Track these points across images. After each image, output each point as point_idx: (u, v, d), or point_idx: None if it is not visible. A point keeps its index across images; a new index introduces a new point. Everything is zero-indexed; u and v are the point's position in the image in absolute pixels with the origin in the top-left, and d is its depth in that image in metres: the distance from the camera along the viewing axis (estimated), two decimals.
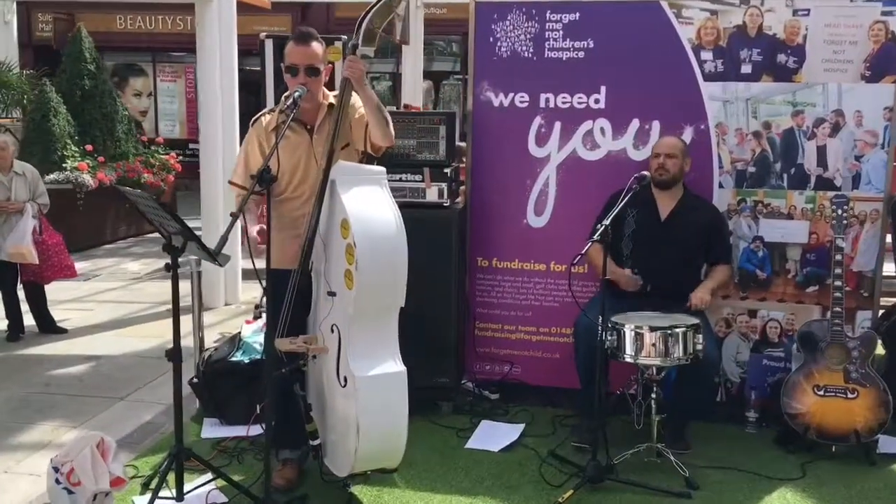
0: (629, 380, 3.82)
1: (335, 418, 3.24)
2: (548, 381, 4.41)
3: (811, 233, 4.12)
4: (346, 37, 3.14)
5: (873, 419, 3.71)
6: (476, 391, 4.50)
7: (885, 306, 4.38)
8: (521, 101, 4.33)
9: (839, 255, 3.77)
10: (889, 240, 4.26)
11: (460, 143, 4.82)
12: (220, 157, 6.60)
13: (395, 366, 3.11)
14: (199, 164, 6.83)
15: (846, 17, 3.98)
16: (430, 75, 13.63)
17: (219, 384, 4.13)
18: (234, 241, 5.92)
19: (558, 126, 4.30)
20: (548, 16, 4.25)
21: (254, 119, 3.40)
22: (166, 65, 15.74)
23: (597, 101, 4.24)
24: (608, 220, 3.45)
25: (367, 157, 3.36)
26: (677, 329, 3.47)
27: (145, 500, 3.14)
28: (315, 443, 3.29)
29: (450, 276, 4.23)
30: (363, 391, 3.02)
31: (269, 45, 4.75)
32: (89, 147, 9.76)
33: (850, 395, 3.73)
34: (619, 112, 4.22)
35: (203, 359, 4.19)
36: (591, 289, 4.26)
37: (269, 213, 2.95)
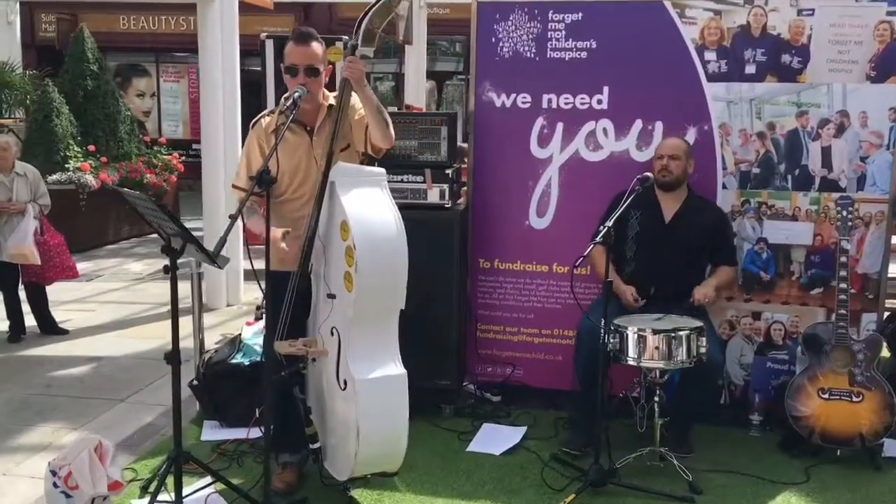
0: (632, 382, 3.79)
1: (335, 422, 3.22)
2: (550, 384, 4.38)
3: (816, 234, 4.09)
4: (347, 37, 3.11)
5: (878, 422, 3.69)
6: (478, 393, 4.48)
7: (890, 308, 4.36)
8: (524, 102, 4.30)
9: (844, 257, 3.74)
10: (895, 241, 4.22)
11: (462, 143, 4.80)
12: (221, 157, 6.60)
13: (395, 368, 3.09)
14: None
15: (851, 17, 3.95)
16: (433, 75, 13.59)
17: (219, 386, 4.11)
18: (236, 243, 5.90)
19: (561, 127, 4.27)
20: (550, 16, 4.22)
21: (253, 121, 3.39)
22: (169, 65, 15.74)
23: (599, 102, 4.22)
24: (611, 222, 3.43)
25: (367, 159, 3.34)
26: (681, 332, 3.44)
27: None
28: (315, 446, 3.27)
29: (451, 278, 4.21)
30: (363, 394, 3.00)
31: (269, 45, 4.73)
32: (92, 147, 9.77)
33: (854, 399, 3.71)
34: (621, 113, 4.20)
35: (203, 361, 4.17)
36: (593, 290, 4.23)
37: (269, 214, 2.94)
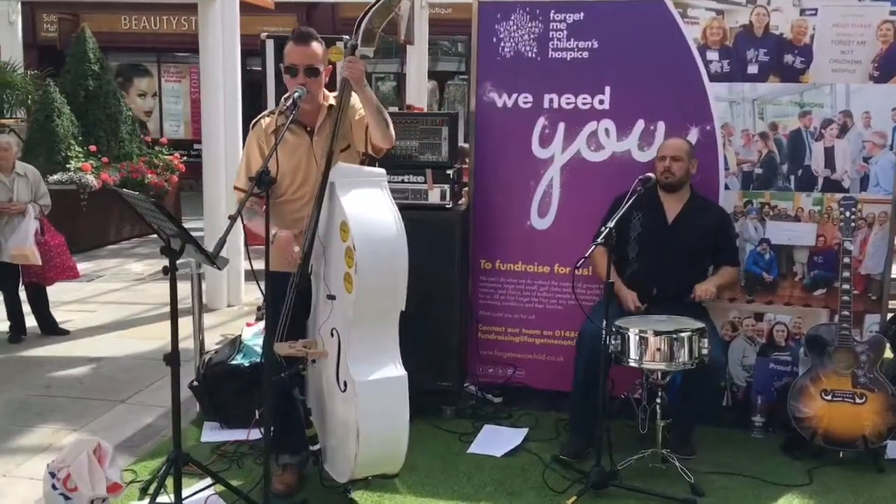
0: (634, 384, 3.78)
1: (335, 423, 3.21)
2: (551, 385, 4.37)
3: (818, 235, 4.07)
4: (347, 37, 3.10)
5: (882, 424, 3.66)
6: (479, 395, 4.47)
7: (893, 310, 4.33)
8: (525, 102, 4.29)
9: (847, 258, 3.72)
10: None
11: (463, 144, 4.78)
12: (222, 157, 6.59)
13: (395, 370, 3.07)
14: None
15: (854, 17, 3.93)
16: (434, 75, 13.57)
17: (219, 387, 4.10)
18: (237, 243, 5.88)
19: (562, 127, 4.26)
20: (552, 15, 4.20)
21: (253, 122, 3.37)
22: (171, 65, 15.73)
23: (601, 102, 4.20)
24: (612, 223, 3.41)
25: (368, 159, 3.32)
26: (682, 333, 3.42)
27: None
28: (315, 448, 3.25)
29: (452, 279, 4.19)
30: (363, 396, 2.99)
31: (269, 45, 4.71)
32: (93, 147, 9.76)
33: (858, 400, 3.69)
34: (623, 113, 4.18)
35: (203, 362, 4.16)
36: (595, 291, 4.21)
37: (268, 215, 2.92)
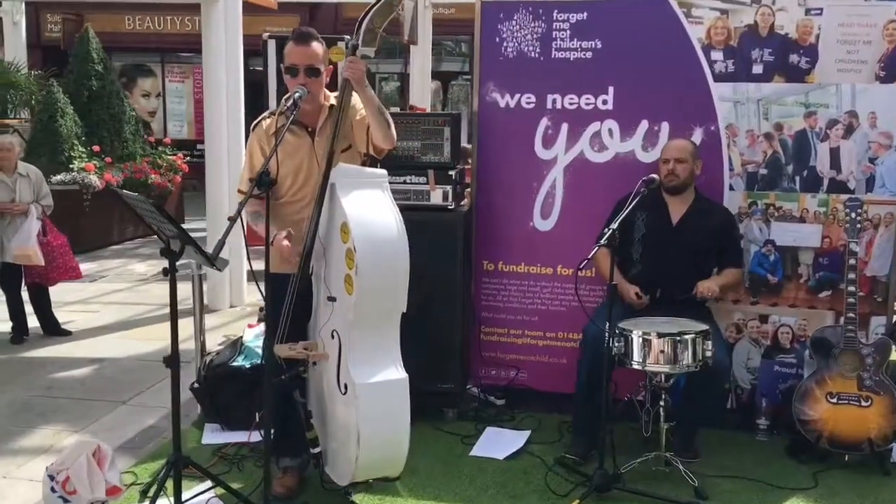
0: (637, 386, 3.75)
1: (335, 426, 3.19)
2: (554, 387, 4.34)
3: (824, 236, 4.04)
4: (349, 37, 3.08)
5: (887, 427, 3.64)
6: (481, 396, 4.44)
7: None
8: (528, 102, 4.26)
9: (853, 260, 3.69)
10: None
11: (466, 144, 4.76)
12: (225, 157, 6.58)
13: (396, 373, 3.05)
14: None
15: (860, 17, 3.90)
16: (438, 76, 13.58)
17: (220, 389, 4.08)
18: (239, 244, 5.86)
19: (565, 127, 4.23)
20: (555, 15, 4.18)
21: (254, 124, 3.35)
22: (175, 65, 15.77)
23: (605, 102, 4.17)
24: (615, 224, 3.39)
25: (369, 160, 3.30)
26: (686, 335, 3.40)
27: None
28: (315, 451, 3.23)
29: (455, 280, 4.17)
30: (364, 398, 2.97)
31: (271, 45, 4.69)
32: (96, 148, 9.77)
33: (863, 403, 3.66)
34: (627, 113, 4.15)
35: (204, 363, 4.14)
36: (598, 293, 4.19)
37: (268, 216, 2.91)
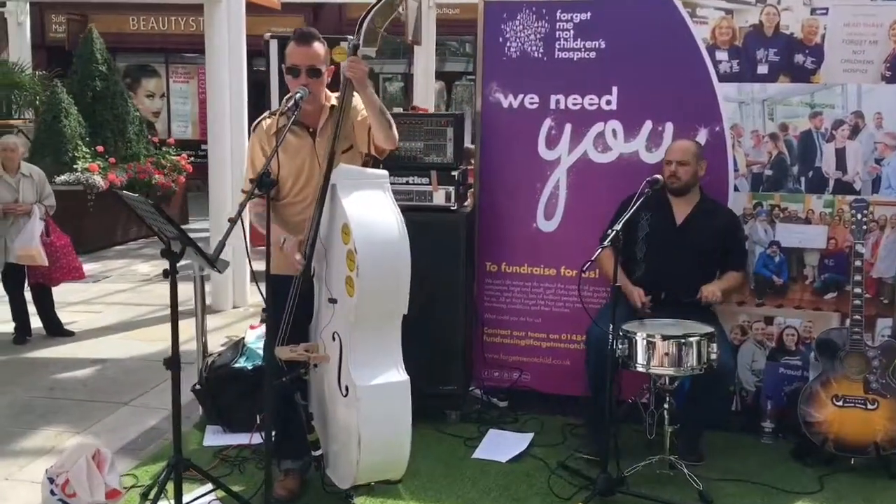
0: (641, 388, 3.72)
1: (337, 428, 3.17)
2: (558, 389, 4.32)
3: (829, 238, 4.01)
4: (351, 37, 3.06)
5: (894, 430, 3.61)
6: (484, 399, 4.42)
7: None
8: (531, 103, 4.24)
9: (858, 261, 3.66)
10: None
11: (469, 145, 4.74)
12: (228, 158, 6.58)
13: (397, 375, 3.03)
14: None
15: (866, 17, 3.87)
16: (442, 76, 13.56)
17: (222, 391, 4.06)
18: (240, 245, 5.85)
19: (569, 128, 4.21)
20: (558, 15, 4.16)
21: (255, 124, 3.34)
22: (179, 66, 15.77)
23: (608, 103, 4.15)
24: (619, 225, 3.37)
25: (371, 160, 3.28)
26: (691, 338, 3.37)
27: None
28: (317, 453, 3.21)
29: (457, 281, 4.15)
30: (365, 401, 2.95)
31: (273, 45, 4.68)
32: (100, 148, 9.76)
33: (869, 406, 3.63)
34: (631, 113, 4.13)
35: (206, 365, 4.13)
36: (602, 294, 4.17)
37: (269, 217, 2.89)
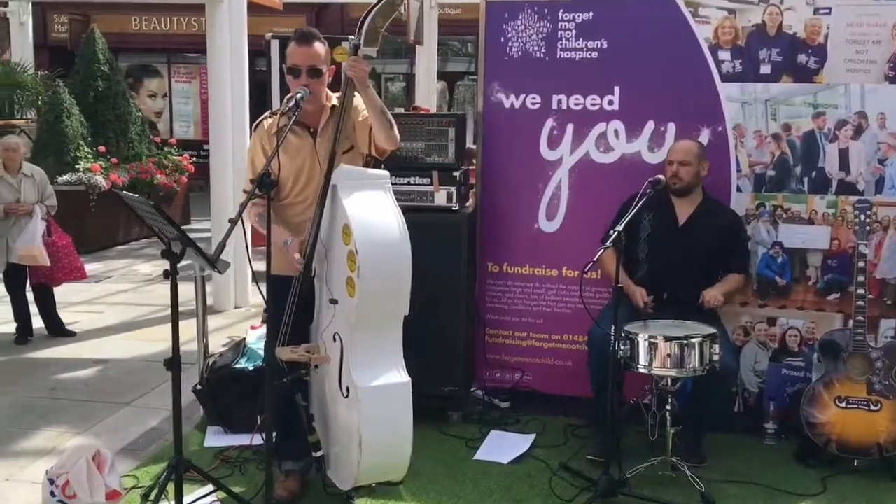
0: (643, 389, 3.71)
1: (338, 429, 3.16)
2: (560, 390, 4.31)
3: (833, 238, 3.99)
4: (352, 37, 3.06)
5: None
6: (486, 399, 4.41)
7: None
8: (533, 103, 4.23)
9: (862, 262, 3.65)
10: None
11: (470, 145, 4.73)
12: (230, 158, 6.56)
13: (398, 376, 3.02)
14: None
15: (869, 16, 3.85)
16: (444, 76, 13.56)
17: (223, 391, 4.05)
18: (242, 245, 5.85)
19: (571, 128, 4.20)
20: (560, 15, 4.15)
21: (255, 123, 3.33)
22: (181, 66, 15.78)
23: (610, 103, 4.14)
24: (621, 226, 3.35)
25: (372, 161, 3.27)
26: (693, 339, 3.35)
27: None
28: (318, 454, 3.20)
29: (459, 282, 4.13)
30: (365, 402, 2.94)
31: (274, 45, 4.66)
32: (102, 148, 9.77)
33: (872, 408, 3.61)
34: (633, 114, 4.12)
35: (207, 365, 4.12)
36: (604, 295, 4.16)
37: (269, 217, 2.88)
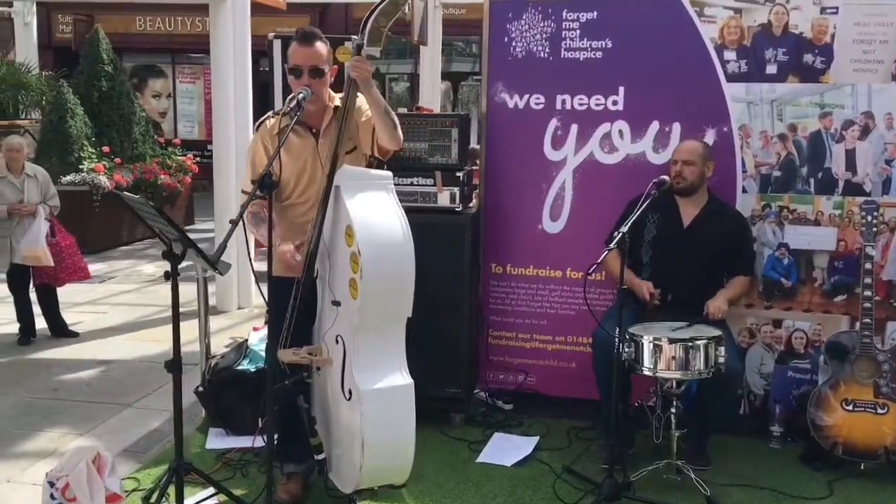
0: (648, 392, 3.69)
1: (340, 432, 3.14)
2: (563, 392, 4.28)
3: (839, 240, 3.96)
4: (355, 37, 3.04)
5: None
6: (489, 401, 4.39)
7: None
8: (537, 103, 4.21)
9: (868, 264, 3.62)
10: None
11: (474, 145, 4.71)
12: (233, 158, 6.56)
13: (401, 378, 3.00)
14: None
15: (876, 16, 3.82)
16: (448, 76, 13.55)
17: (225, 393, 4.04)
18: (244, 245, 5.84)
19: (575, 128, 4.17)
20: (564, 14, 4.13)
21: (258, 123, 3.32)
22: (185, 66, 15.79)
23: (615, 103, 4.11)
24: (626, 227, 3.33)
25: (374, 161, 3.25)
26: (698, 341, 3.33)
27: None
28: (320, 457, 3.18)
29: (462, 283, 4.11)
30: (368, 404, 2.92)
31: (277, 45, 4.64)
32: (106, 148, 9.76)
33: (879, 411, 3.58)
34: (638, 114, 4.09)
35: (209, 367, 4.10)
36: (608, 296, 4.13)
37: (271, 218, 2.86)
